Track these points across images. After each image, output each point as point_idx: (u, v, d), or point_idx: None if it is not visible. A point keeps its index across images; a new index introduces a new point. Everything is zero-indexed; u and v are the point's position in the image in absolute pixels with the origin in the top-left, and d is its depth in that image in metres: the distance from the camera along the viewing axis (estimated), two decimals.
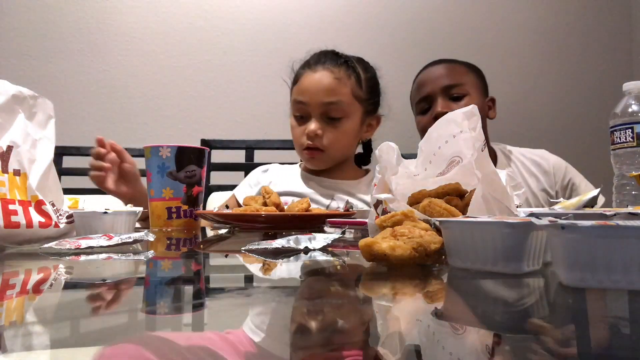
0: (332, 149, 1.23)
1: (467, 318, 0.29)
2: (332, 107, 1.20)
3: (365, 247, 0.40)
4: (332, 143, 1.22)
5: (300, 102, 1.22)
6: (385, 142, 0.60)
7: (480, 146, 0.52)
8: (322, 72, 1.22)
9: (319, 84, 1.21)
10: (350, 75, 1.24)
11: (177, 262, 0.55)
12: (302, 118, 1.23)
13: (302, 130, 1.22)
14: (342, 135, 1.24)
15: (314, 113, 1.21)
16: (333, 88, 1.20)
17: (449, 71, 1.34)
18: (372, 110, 1.32)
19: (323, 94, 1.20)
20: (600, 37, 2.21)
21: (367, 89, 1.28)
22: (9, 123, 0.61)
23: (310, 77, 1.23)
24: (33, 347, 0.24)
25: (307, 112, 1.22)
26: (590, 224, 0.31)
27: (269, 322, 0.28)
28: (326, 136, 1.21)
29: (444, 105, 1.29)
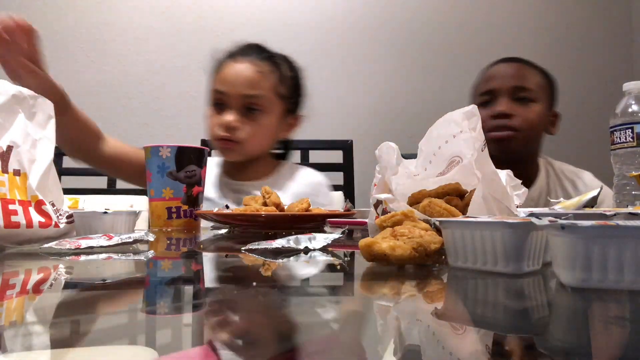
0: (247, 142, 1.18)
1: (467, 318, 0.29)
2: (251, 100, 1.17)
3: (365, 247, 0.40)
4: (249, 137, 1.18)
5: (219, 91, 1.18)
6: (385, 142, 0.60)
7: (480, 146, 0.52)
8: (245, 64, 1.19)
9: (240, 75, 1.18)
10: (273, 70, 1.21)
11: (177, 262, 0.55)
12: (219, 107, 1.19)
13: (218, 121, 1.17)
14: (259, 130, 1.19)
15: (232, 104, 1.17)
16: (255, 81, 1.17)
17: (522, 72, 1.29)
18: (292, 109, 1.27)
19: (244, 86, 1.16)
20: (600, 37, 2.21)
21: (290, 87, 1.25)
22: (9, 123, 0.61)
23: (232, 67, 1.19)
24: (33, 347, 0.24)
25: (225, 102, 1.18)
26: (590, 224, 0.31)
27: (268, 322, 0.28)
28: (243, 129, 1.17)
29: (507, 105, 1.24)
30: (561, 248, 0.32)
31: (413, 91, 2.16)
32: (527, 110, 1.25)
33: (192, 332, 0.27)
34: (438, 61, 2.16)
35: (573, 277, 0.32)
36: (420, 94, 2.16)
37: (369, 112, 2.14)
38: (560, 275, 0.33)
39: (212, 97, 1.21)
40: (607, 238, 0.31)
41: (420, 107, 2.13)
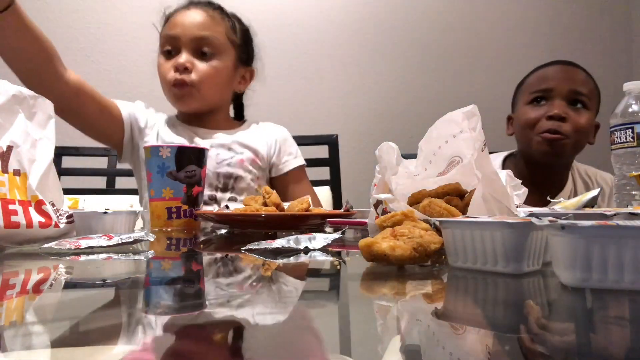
0: (203, 85, 1.15)
1: (467, 318, 0.29)
2: (204, 41, 1.15)
3: (365, 247, 0.40)
4: (204, 78, 1.14)
5: (170, 36, 1.15)
6: (385, 142, 0.60)
7: (480, 146, 0.52)
8: (195, 10, 1.18)
9: (192, 18, 1.16)
10: (224, 18, 1.21)
11: (177, 262, 0.55)
12: (171, 54, 1.16)
13: (171, 65, 1.14)
14: (214, 72, 1.16)
15: (185, 47, 1.14)
16: (206, 24, 1.16)
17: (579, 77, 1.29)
18: (245, 60, 1.27)
19: (195, 28, 1.15)
20: (600, 37, 2.21)
21: (242, 37, 1.24)
22: (9, 123, 0.61)
23: (182, 14, 1.18)
24: (33, 347, 0.24)
25: (177, 46, 1.15)
26: (590, 224, 0.31)
27: (268, 322, 0.28)
28: (197, 70, 1.14)
29: (563, 108, 1.24)
30: (561, 248, 0.32)
31: (413, 91, 2.16)
32: (580, 116, 1.26)
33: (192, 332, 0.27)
34: (438, 61, 2.16)
35: (573, 277, 0.32)
36: (420, 94, 2.16)
37: (369, 112, 2.14)
38: (560, 275, 0.33)
39: (162, 43, 1.18)
40: (607, 238, 0.31)
41: (420, 107, 2.13)
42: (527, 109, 1.31)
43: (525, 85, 1.36)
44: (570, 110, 1.25)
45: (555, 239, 0.33)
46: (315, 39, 2.12)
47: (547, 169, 1.33)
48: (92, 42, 2.00)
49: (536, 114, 1.27)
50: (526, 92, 1.34)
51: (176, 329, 0.27)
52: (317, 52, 2.12)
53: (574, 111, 1.26)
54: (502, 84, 2.20)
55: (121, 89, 2.00)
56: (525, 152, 1.33)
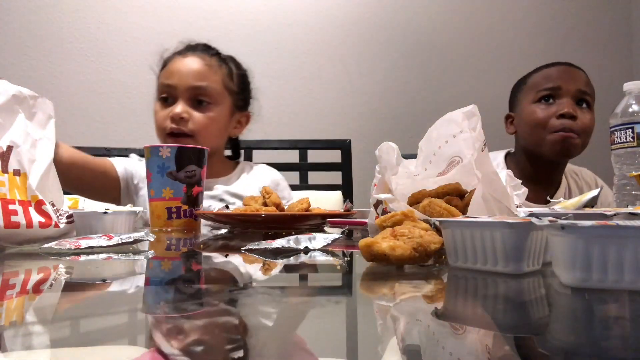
0: (199, 135, 1.14)
1: (467, 318, 0.29)
2: (200, 91, 1.15)
3: (365, 247, 0.40)
4: (200, 128, 1.14)
5: (167, 84, 1.15)
6: (385, 142, 0.60)
7: (480, 146, 0.52)
8: (193, 58, 1.18)
9: (188, 67, 1.16)
10: (221, 65, 1.21)
11: (177, 262, 0.55)
12: (167, 102, 1.15)
13: (167, 114, 1.13)
14: (210, 122, 1.16)
15: (182, 96, 1.14)
16: (203, 73, 1.16)
17: (585, 78, 1.32)
18: (242, 106, 1.27)
19: (192, 77, 1.15)
20: (600, 37, 2.21)
21: (238, 83, 1.24)
22: (9, 123, 0.61)
23: (180, 61, 1.17)
24: (33, 347, 0.24)
25: (173, 95, 1.15)
26: (590, 224, 0.31)
27: (268, 321, 0.28)
28: (193, 120, 1.13)
29: (573, 107, 1.25)
30: (561, 248, 0.32)
31: (413, 91, 2.16)
32: (586, 116, 1.27)
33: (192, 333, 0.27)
34: (438, 61, 2.16)
35: (573, 277, 0.32)
36: (420, 94, 2.16)
37: (369, 112, 2.14)
38: (560, 275, 0.33)
39: (159, 91, 1.18)
40: (607, 238, 0.31)
41: (420, 107, 2.13)
42: (535, 107, 1.31)
43: (529, 84, 1.36)
44: (577, 109, 1.26)
45: (555, 239, 0.33)
46: (315, 40, 2.12)
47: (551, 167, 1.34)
48: (92, 42, 2.00)
49: (546, 112, 1.27)
50: (532, 90, 1.34)
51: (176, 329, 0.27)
52: (317, 53, 2.12)
53: (580, 110, 1.27)
54: (502, 84, 2.19)
55: (121, 89, 2.00)
56: (533, 150, 1.33)
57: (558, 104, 1.27)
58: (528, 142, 1.34)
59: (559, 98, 1.28)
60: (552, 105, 1.28)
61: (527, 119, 1.32)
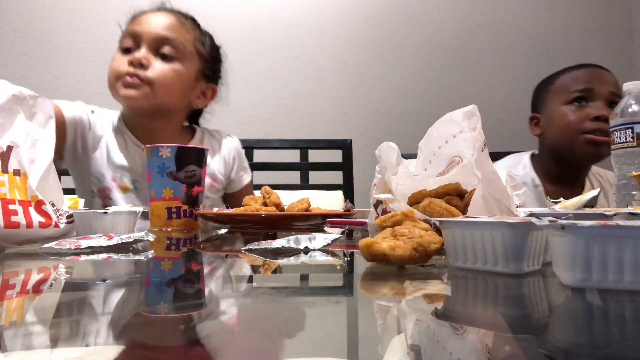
0: (158, 84, 1.03)
1: (467, 318, 0.29)
2: (167, 42, 1.05)
3: (365, 247, 0.40)
4: (160, 77, 1.03)
5: (132, 31, 1.05)
6: (385, 142, 0.60)
7: (480, 146, 0.52)
8: (165, 13, 1.10)
9: (159, 19, 1.08)
10: (195, 28, 1.14)
11: (177, 262, 0.55)
12: (129, 51, 1.06)
13: (126, 59, 1.03)
14: (172, 74, 1.05)
15: (146, 44, 1.04)
16: (174, 26, 1.08)
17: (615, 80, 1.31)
18: (209, 76, 1.18)
19: (161, 28, 1.06)
20: (600, 37, 2.21)
21: (210, 52, 1.17)
22: (9, 123, 0.61)
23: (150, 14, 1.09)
24: (33, 347, 0.24)
25: (137, 43, 1.05)
26: (590, 224, 0.31)
27: (268, 322, 0.28)
28: (153, 68, 1.03)
29: (607, 110, 1.24)
30: (561, 248, 0.32)
31: (413, 91, 2.16)
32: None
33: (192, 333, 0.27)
34: (438, 61, 2.17)
35: (573, 277, 0.32)
36: (420, 94, 2.16)
37: (370, 112, 2.14)
38: (560, 275, 0.33)
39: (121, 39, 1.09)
40: (607, 238, 0.31)
41: (420, 107, 2.13)
42: (566, 109, 1.29)
43: (558, 86, 1.34)
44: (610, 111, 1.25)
45: (555, 239, 0.33)
46: (315, 40, 2.12)
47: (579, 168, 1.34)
48: (92, 42, 2.00)
49: (579, 115, 1.26)
50: (562, 92, 1.32)
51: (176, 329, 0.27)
52: (317, 53, 2.12)
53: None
54: (502, 84, 2.20)
55: None
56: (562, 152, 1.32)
57: (591, 106, 1.26)
58: (558, 144, 1.32)
59: (591, 100, 1.27)
60: (584, 107, 1.26)
61: (558, 121, 1.30)
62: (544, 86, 1.39)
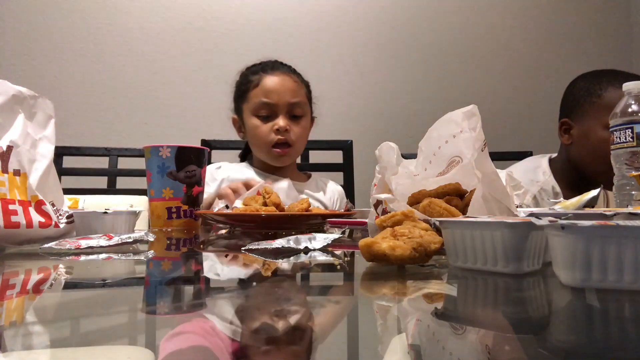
0: (297, 144, 1.32)
1: (467, 318, 0.29)
2: (296, 106, 1.31)
3: (365, 247, 0.40)
4: (298, 138, 1.32)
5: (267, 103, 1.30)
6: (385, 142, 0.60)
7: (480, 146, 0.52)
8: (282, 76, 1.33)
9: (283, 85, 1.31)
10: (302, 80, 1.38)
11: (177, 262, 0.55)
12: (267, 118, 1.31)
13: (270, 128, 1.29)
14: (304, 132, 1.35)
15: (281, 112, 1.30)
16: (296, 90, 1.33)
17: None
18: (312, 112, 1.44)
19: (289, 95, 1.31)
20: (600, 37, 2.21)
21: (310, 94, 1.41)
22: (9, 123, 0.61)
23: (273, 80, 1.32)
24: (33, 347, 0.24)
25: (273, 111, 1.30)
26: (590, 224, 0.31)
27: (268, 322, 0.28)
28: (293, 132, 1.30)
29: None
30: (561, 248, 0.32)
31: (413, 91, 2.16)
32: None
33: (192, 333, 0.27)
34: (438, 61, 2.17)
35: (573, 277, 0.32)
36: (420, 94, 2.16)
37: (369, 112, 2.14)
38: (560, 275, 0.33)
39: (257, 108, 1.31)
40: (607, 238, 0.31)
41: (420, 107, 2.13)
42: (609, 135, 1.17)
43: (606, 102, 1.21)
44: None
45: (555, 239, 0.33)
46: (315, 40, 2.12)
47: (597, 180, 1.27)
48: (92, 42, 2.00)
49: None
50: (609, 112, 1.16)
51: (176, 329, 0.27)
52: (317, 53, 2.12)
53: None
54: (503, 84, 2.19)
55: (121, 89, 2.00)
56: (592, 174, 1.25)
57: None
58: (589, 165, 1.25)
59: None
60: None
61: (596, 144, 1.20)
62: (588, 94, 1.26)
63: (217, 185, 1.32)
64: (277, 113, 1.30)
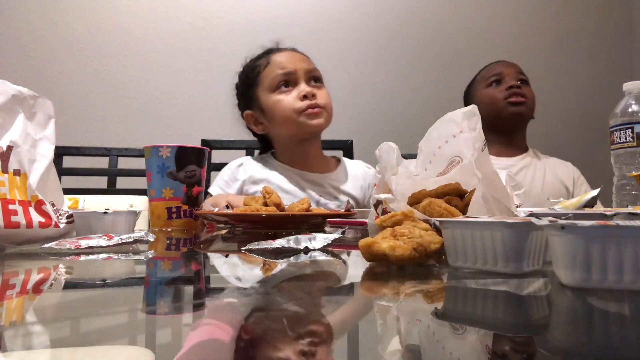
0: (327, 108, 1.26)
1: (467, 318, 0.29)
2: (314, 71, 1.29)
3: (365, 247, 0.40)
4: (327, 102, 1.27)
5: (285, 72, 1.26)
6: (385, 142, 0.60)
7: (480, 146, 0.52)
8: (289, 51, 1.32)
9: (295, 56, 1.31)
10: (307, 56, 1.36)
11: (177, 262, 0.55)
12: (288, 87, 1.26)
13: (295, 96, 1.24)
14: (328, 96, 1.29)
15: (302, 78, 1.26)
16: (307, 59, 1.32)
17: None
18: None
19: (304, 63, 1.29)
20: (600, 37, 2.21)
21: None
22: (9, 123, 0.61)
23: (282, 55, 1.30)
24: (33, 347, 0.24)
25: (293, 80, 1.26)
26: (590, 224, 0.31)
27: (268, 322, 0.28)
28: (320, 96, 1.26)
29: (515, 83, 1.52)
30: (561, 248, 0.32)
31: (413, 91, 2.16)
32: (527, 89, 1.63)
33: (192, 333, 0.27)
34: (438, 61, 2.16)
35: (573, 277, 0.32)
36: (420, 94, 2.16)
37: (369, 112, 2.14)
38: (560, 275, 0.33)
39: (276, 83, 1.26)
40: (607, 238, 0.31)
41: (420, 107, 2.13)
42: (489, 91, 1.57)
43: (477, 80, 1.64)
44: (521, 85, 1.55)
45: (555, 239, 0.33)
46: (315, 40, 2.12)
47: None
48: (92, 42, 2.00)
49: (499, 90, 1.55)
50: (481, 80, 1.64)
51: (176, 329, 0.27)
52: (317, 53, 2.12)
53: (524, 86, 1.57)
54: None
55: (121, 89, 2.00)
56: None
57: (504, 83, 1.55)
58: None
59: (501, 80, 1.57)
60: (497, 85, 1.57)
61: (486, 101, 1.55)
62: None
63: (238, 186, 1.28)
64: (297, 81, 1.26)
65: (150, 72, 2.02)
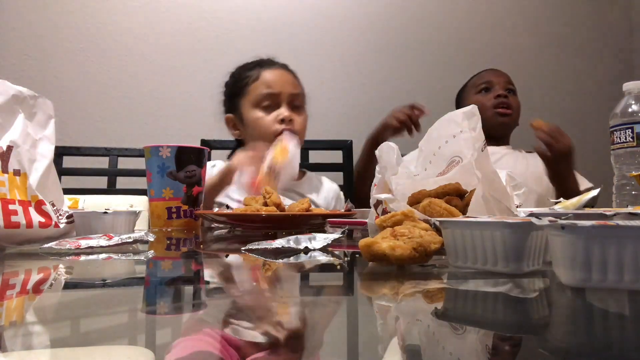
0: (300, 134, 1.31)
1: (467, 318, 0.29)
2: (297, 97, 1.33)
3: (365, 247, 0.40)
4: (301, 128, 1.32)
5: (270, 93, 1.31)
6: (386, 142, 0.60)
7: (480, 146, 0.52)
8: (280, 70, 1.36)
9: (283, 77, 1.34)
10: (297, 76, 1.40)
11: (177, 262, 0.55)
12: (269, 109, 1.31)
13: (274, 118, 1.29)
14: (305, 122, 1.35)
15: (284, 102, 1.30)
16: (295, 82, 1.36)
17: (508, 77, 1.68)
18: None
19: (290, 86, 1.33)
20: (600, 37, 2.21)
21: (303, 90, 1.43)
22: (9, 123, 0.61)
23: (272, 73, 1.34)
24: (33, 347, 0.24)
25: (275, 102, 1.30)
26: (590, 224, 0.31)
27: (268, 322, 0.28)
28: (296, 122, 1.31)
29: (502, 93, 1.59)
30: (561, 248, 0.32)
31: (413, 91, 2.16)
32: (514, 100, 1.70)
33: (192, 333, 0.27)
34: (438, 61, 2.16)
35: (573, 277, 0.32)
36: (420, 94, 2.16)
37: (369, 112, 2.14)
38: (560, 275, 0.33)
39: (259, 100, 1.31)
40: (607, 238, 0.31)
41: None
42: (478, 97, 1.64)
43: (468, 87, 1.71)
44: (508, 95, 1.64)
45: (555, 239, 0.33)
46: (315, 40, 2.12)
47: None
48: (92, 42, 2.00)
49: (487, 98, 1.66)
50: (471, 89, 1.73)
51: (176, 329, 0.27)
52: (317, 53, 2.12)
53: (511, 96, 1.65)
54: None
55: (121, 89, 2.00)
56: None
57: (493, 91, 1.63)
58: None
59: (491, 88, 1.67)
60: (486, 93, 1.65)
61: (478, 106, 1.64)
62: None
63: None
64: (280, 104, 1.30)
65: (150, 72, 2.02)
